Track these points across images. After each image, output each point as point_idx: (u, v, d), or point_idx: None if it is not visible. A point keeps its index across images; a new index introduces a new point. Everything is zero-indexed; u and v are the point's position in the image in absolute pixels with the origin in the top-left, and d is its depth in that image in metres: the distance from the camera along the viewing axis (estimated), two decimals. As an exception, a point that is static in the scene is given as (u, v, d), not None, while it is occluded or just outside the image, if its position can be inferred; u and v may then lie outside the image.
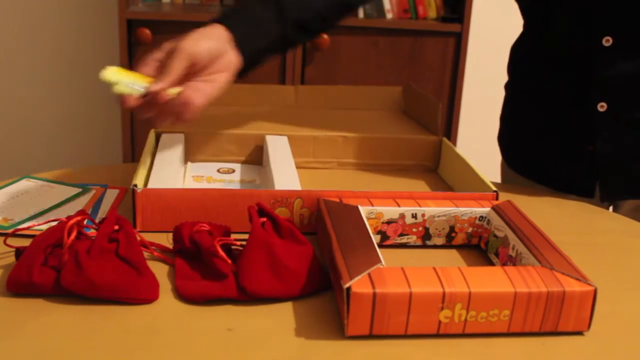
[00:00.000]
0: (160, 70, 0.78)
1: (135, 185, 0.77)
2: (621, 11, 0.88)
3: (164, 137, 0.99)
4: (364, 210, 0.75)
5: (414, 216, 0.77)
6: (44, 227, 0.71)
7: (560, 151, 1.01)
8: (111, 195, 0.87)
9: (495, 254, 0.75)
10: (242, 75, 0.88)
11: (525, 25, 1.06)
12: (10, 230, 0.73)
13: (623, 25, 0.88)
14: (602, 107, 0.93)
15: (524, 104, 1.07)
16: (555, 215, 0.90)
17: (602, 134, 0.94)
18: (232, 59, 0.83)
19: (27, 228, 0.74)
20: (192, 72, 0.80)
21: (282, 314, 0.62)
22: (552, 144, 1.01)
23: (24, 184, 0.88)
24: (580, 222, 0.88)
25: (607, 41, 0.89)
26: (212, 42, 0.81)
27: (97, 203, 0.84)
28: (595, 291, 0.61)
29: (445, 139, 1.04)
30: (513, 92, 1.11)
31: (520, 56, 1.08)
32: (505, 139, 1.13)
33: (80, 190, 0.87)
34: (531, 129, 1.05)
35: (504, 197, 0.83)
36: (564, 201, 0.95)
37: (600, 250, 0.80)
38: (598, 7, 0.89)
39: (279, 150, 0.96)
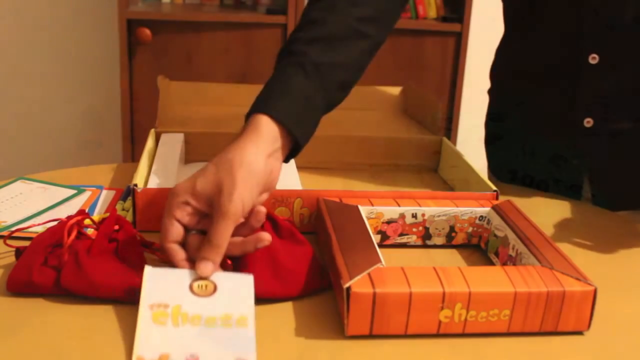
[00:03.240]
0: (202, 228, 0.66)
1: (136, 185, 0.77)
2: (608, 29, 0.88)
3: (164, 137, 0.99)
4: (364, 210, 0.75)
5: (414, 216, 0.77)
6: (41, 228, 0.71)
7: (547, 164, 1.01)
8: (107, 196, 0.86)
9: (495, 253, 0.75)
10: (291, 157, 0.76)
11: (507, 33, 1.05)
12: (7, 232, 0.73)
13: (609, 43, 0.89)
14: (588, 122, 0.93)
15: (509, 116, 1.06)
16: (555, 215, 0.89)
17: (589, 148, 0.95)
18: (278, 170, 0.71)
19: (24, 229, 0.74)
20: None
21: (282, 314, 0.62)
22: (539, 158, 1.01)
23: (18, 185, 0.88)
24: (580, 222, 0.88)
25: (593, 59, 0.89)
26: (264, 179, 0.67)
27: (92, 205, 0.84)
28: (595, 291, 0.61)
29: (445, 139, 1.04)
30: (497, 102, 1.10)
31: (502, 64, 1.07)
32: (490, 147, 1.12)
33: (75, 192, 0.87)
34: (516, 142, 1.04)
35: (504, 197, 0.83)
36: (564, 202, 0.95)
37: (600, 250, 0.80)
38: (585, 25, 0.89)
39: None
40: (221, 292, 0.60)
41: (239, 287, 0.61)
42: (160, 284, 0.59)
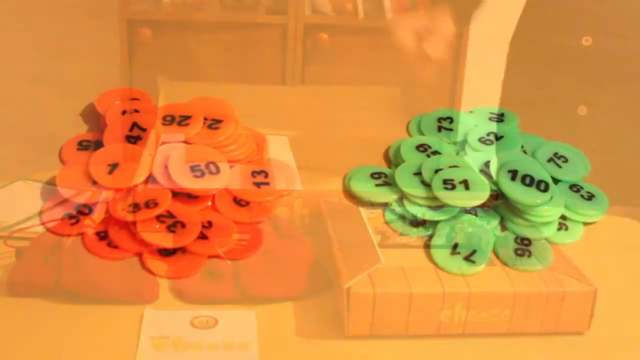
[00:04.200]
0: None
1: (136, 185, 0.77)
2: (601, 12, 0.88)
3: (164, 137, 0.98)
4: (364, 211, 0.75)
5: (414, 216, 0.76)
6: (41, 228, 0.71)
7: (547, 164, 1.01)
8: (107, 196, 0.86)
9: (496, 253, 0.74)
10: None
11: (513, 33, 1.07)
12: (7, 232, 0.73)
13: (603, 26, 0.89)
14: (581, 110, 0.93)
15: (510, 115, 1.08)
16: (555, 216, 0.89)
17: (589, 147, 0.96)
18: None
19: (24, 229, 0.74)
20: None
21: (282, 314, 0.62)
22: (540, 158, 1.02)
23: (19, 185, 0.88)
24: (580, 223, 0.88)
25: (586, 40, 0.89)
26: None
27: (93, 204, 0.84)
28: (595, 291, 0.61)
29: (445, 139, 1.04)
30: (500, 101, 1.12)
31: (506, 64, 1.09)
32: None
33: (74, 192, 0.87)
34: (516, 142, 1.06)
35: (504, 197, 0.83)
36: (564, 202, 0.95)
37: (600, 250, 0.80)
38: (578, 8, 0.89)
39: (279, 150, 0.96)
40: (222, 324, 0.60)
41: (241, 321, 0.61)
42: (159, 323, 0.59)
